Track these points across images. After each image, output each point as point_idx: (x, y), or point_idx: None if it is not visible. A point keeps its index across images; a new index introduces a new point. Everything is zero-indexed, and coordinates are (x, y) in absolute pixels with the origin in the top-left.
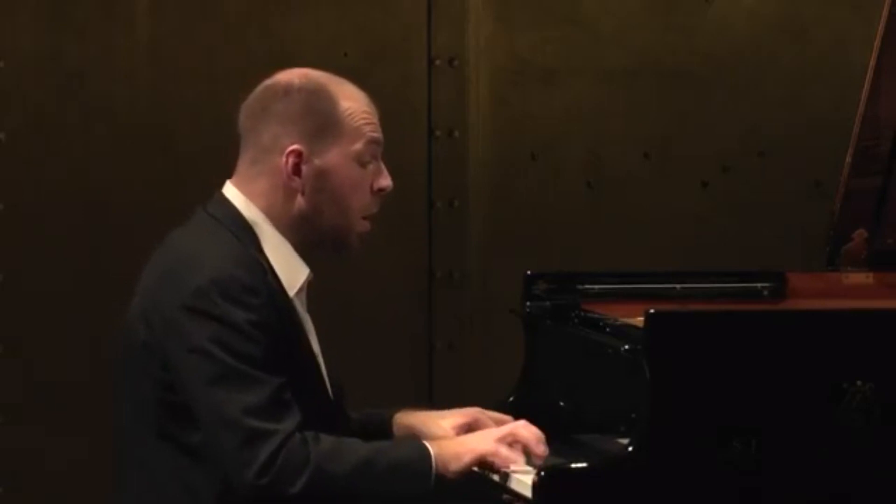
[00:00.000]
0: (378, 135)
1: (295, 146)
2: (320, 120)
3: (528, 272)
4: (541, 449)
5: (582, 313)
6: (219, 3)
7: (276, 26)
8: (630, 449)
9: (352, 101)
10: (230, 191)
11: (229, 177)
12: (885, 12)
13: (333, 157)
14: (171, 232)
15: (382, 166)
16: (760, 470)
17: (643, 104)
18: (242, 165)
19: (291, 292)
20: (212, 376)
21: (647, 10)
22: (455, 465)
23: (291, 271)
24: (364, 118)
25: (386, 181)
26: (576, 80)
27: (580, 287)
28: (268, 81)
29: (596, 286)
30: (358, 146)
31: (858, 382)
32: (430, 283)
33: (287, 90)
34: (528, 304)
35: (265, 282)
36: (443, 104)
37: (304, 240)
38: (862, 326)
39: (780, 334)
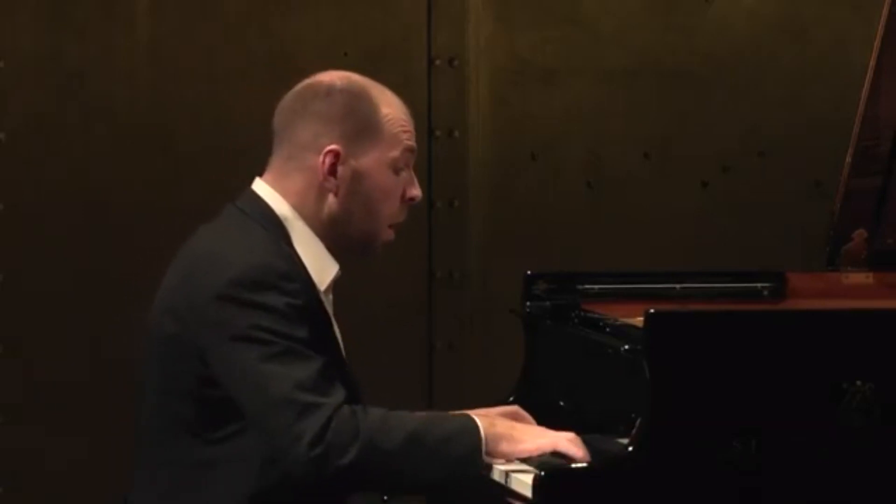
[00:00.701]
0: (413, 143)
1: (333, 146)
2: (361, 123)
3: (528, 272)
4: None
5: (582, 313)
6: (219, 3)
7: (276, 26)
8: (630, 449)
9: (391, 107)
10: (261, 187)
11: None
12: (885, 12)
13: (370, 161)
14: (200, 227)
15: (414, 176)
16: (760, 470)
17: (643, 104)
18: (276, 161)
19: (321, 287)
20: (258, 358)
21: (647, 10)
22: (507, 448)
23: (321, 267)
24: (402, 126)
25: (417, 191)
26: (576, 80)
27: (580, 287)
28: (307, 81)
29: (596, 286)
30: (395, 153)
31: (858, 382)
32: (430, 283)
33: (329, 91)
34: (528, 304)
35: (299, 271)
36: (443, 104)
37: (332, 242)
38: (862, 326)
39: (780, 334)
